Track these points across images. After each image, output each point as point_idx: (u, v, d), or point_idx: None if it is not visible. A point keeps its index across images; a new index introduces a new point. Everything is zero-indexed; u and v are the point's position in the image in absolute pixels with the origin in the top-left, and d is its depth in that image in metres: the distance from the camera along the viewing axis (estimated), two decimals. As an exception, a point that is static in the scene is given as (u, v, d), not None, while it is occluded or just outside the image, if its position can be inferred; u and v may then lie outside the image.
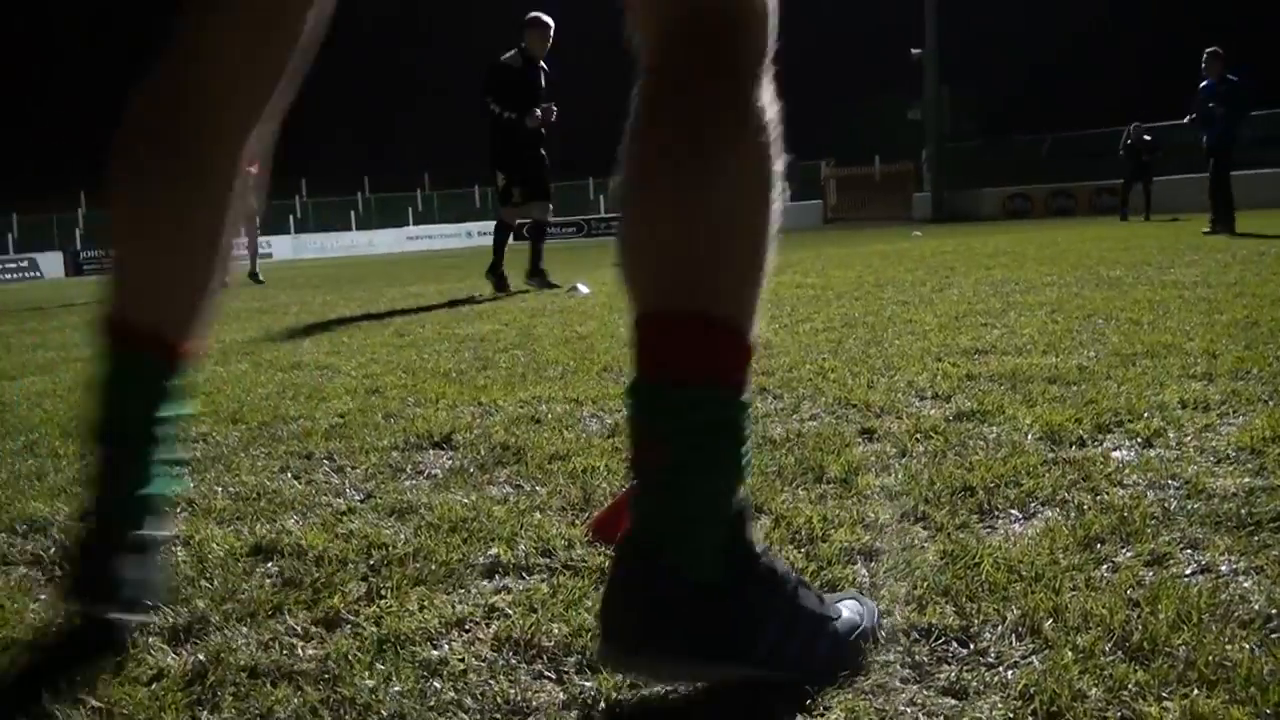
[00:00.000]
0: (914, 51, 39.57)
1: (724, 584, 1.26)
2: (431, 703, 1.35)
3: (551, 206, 10.32)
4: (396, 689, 1.39)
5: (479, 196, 59.43)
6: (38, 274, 41.41)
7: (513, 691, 1.37)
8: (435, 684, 1.40)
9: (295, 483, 2.57)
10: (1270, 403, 2.88)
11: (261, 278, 16.23)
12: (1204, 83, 14.79)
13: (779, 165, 1.30)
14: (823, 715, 1.27)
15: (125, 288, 1.62)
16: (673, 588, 1.24)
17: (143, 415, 1.59)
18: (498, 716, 1.31)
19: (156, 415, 1.60)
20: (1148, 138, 24.08)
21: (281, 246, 50.76)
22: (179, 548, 2.06)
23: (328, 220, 57.00)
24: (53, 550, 2.09)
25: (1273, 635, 1.43)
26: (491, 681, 1.41)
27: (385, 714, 1.32)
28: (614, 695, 1.34)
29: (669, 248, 1.26)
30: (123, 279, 1.62)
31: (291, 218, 57.46)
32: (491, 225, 11.29)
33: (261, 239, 52.41)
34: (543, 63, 9.74)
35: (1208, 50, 14.83)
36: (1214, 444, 2.49)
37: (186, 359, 1.65)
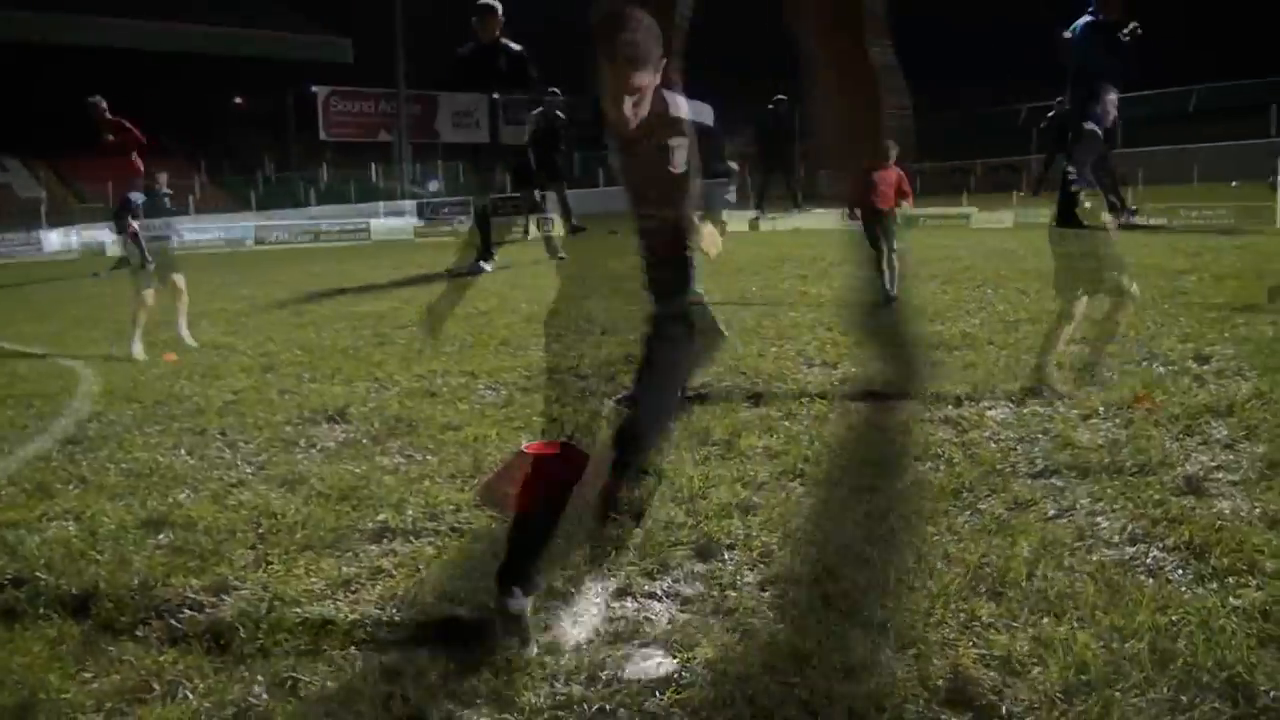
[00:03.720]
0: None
1: None
2: (316, 657, 1.38)
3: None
4: (283, 646, 1.42)
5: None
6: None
7: (395, 644, 1.41)
8: (320, 640, 1.43)
9: (187, 458, 2.55)
10: (1143, 363, 3.02)
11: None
12: (1084, 20, 9.96)
13: None
14: (693, 649, 1.33)
15: None
16: None
17: None
18: (378, 666, 1.35)
19: None
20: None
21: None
22: (70, 522, 2.06)
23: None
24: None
25: (1121, 567, 1.52)
26: (375, 636, 1.45)
27: (271, 670, 1.35)
28: (494, 648, 1.39)
29: None
30: None
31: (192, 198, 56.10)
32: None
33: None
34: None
35: None
36: (1086, 401, 2.60)
37: None
